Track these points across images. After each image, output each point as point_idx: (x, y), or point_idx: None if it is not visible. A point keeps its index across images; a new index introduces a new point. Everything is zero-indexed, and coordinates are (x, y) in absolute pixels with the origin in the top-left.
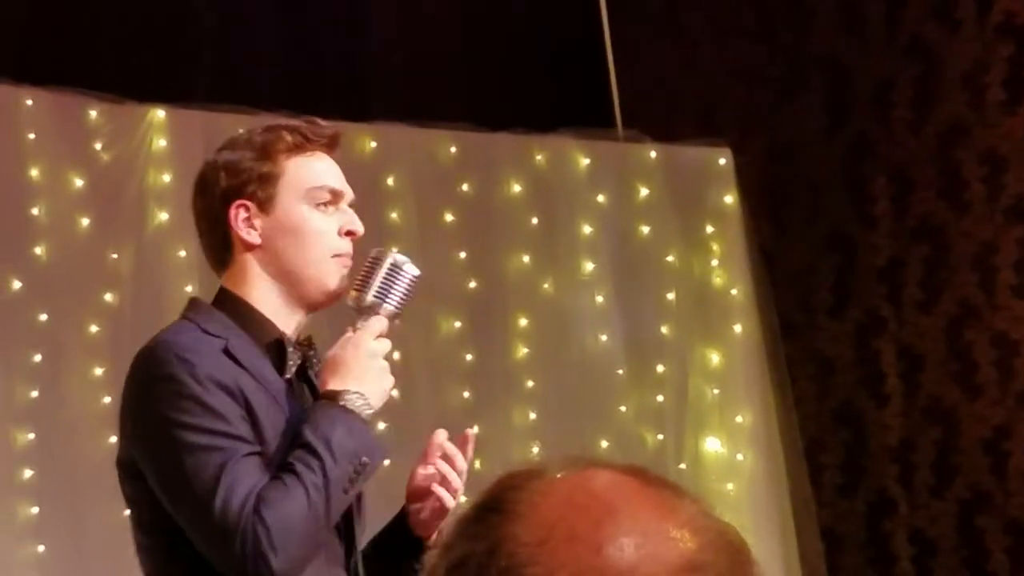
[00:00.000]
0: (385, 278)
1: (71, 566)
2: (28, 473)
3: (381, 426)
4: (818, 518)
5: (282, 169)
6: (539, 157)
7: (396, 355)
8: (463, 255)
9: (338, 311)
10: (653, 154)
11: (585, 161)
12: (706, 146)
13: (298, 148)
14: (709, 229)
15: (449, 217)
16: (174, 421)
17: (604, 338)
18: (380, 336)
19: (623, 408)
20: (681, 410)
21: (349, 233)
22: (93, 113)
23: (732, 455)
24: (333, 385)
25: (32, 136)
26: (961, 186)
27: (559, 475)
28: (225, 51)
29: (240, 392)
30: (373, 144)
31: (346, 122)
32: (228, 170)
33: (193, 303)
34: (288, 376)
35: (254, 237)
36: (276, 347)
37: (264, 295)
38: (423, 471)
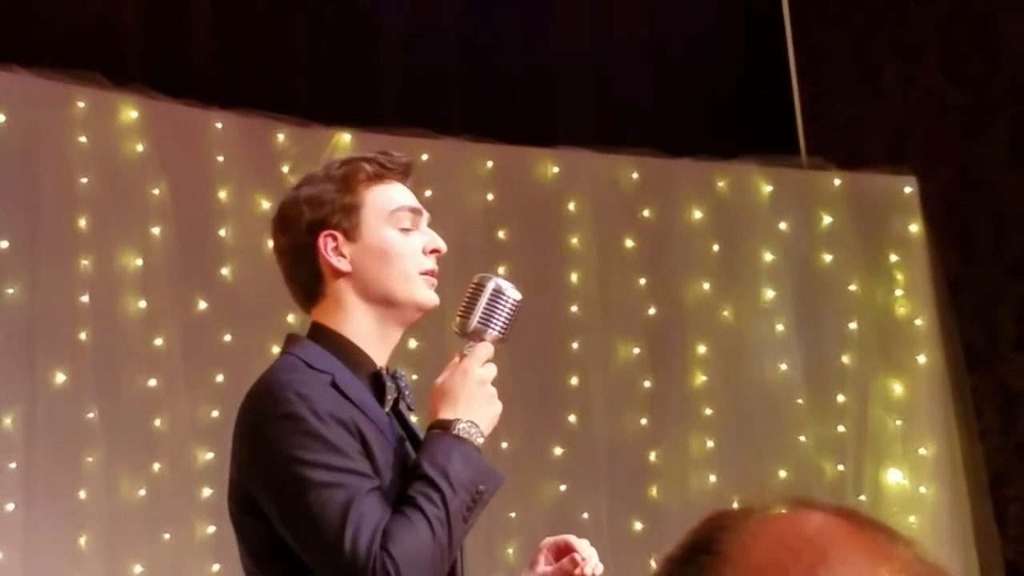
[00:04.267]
0: (488, 304)
1: None
2: (207, 492)
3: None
4: (1003, 554)
5: (363, 199)
6: (721, 183)
7: (507, 380)
8: (643, 281)
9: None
10: (837, 182)
11: (768, 188)
12: (891, 174)
13: (377, 178)
14: (893, 258)
15: (629, 243)
16: (297, 459)
17: (784, 367)
18: (487, 362)
19: (802, 438)
20: (861, 441)
21: (434, 251)
22: (280, 136)
23: (915, 488)
24: (444, 414)
25: (221, 159)
26: None
27: (769, 515)
28: (411, 76)
29: (355, 426)
30: (555, 169)
31: (529, 147)
32: (311, 203)
33: (292, 339)
34: (387, 408)
35: (344, 264)
36: (374, 380)
37: (358, 323)
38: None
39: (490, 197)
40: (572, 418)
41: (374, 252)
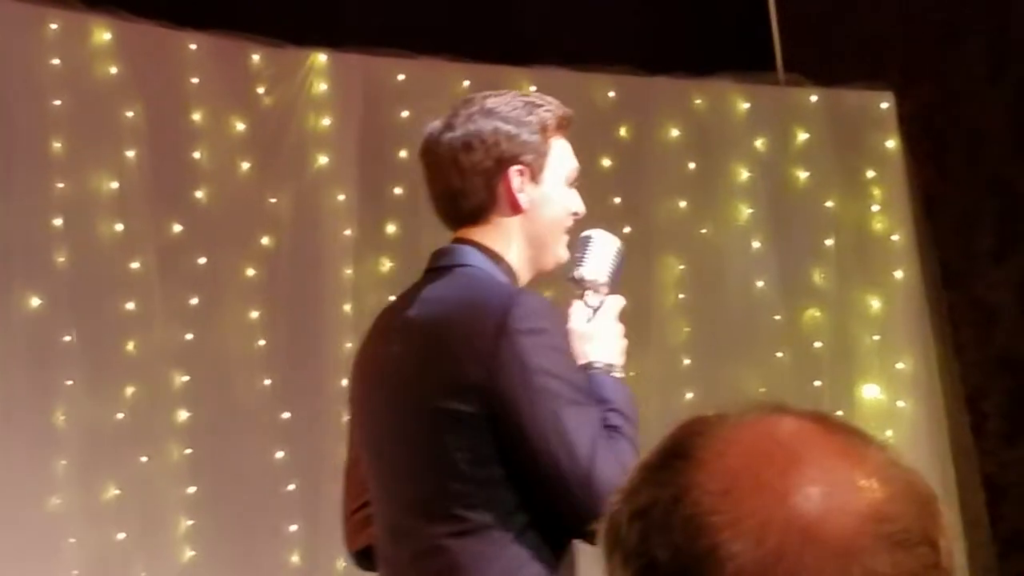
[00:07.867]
0: (602, 256)
1: (222, 507)
2: (184, 415)
3: None
4: (980, 467)
5: (550, 146)
6: (698, 101)
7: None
8: (617, 200)
9: None
10: (814, 98)
11: (744, 105)
12: (868, 90)
13: (559, 129)
14: (870, 174)
15: (606, 162)
16: (554, 374)
17: (760, 284)
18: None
19: (779, 354)
20: (838, 357)
21: (574, 214)
22: (255, 57)
23: (892, 402)
24: (599, 357)
25: (195, 80)
26: None
27: (743, 421)
28: None
29: None
30: (532, 88)
31: (504, 66)
32: (510, 138)
33: (488, 252)
34: None
35: (524, 201)
36: None
37: (515, 258)
38: None
39: None
40: None
41: (549, 200)
